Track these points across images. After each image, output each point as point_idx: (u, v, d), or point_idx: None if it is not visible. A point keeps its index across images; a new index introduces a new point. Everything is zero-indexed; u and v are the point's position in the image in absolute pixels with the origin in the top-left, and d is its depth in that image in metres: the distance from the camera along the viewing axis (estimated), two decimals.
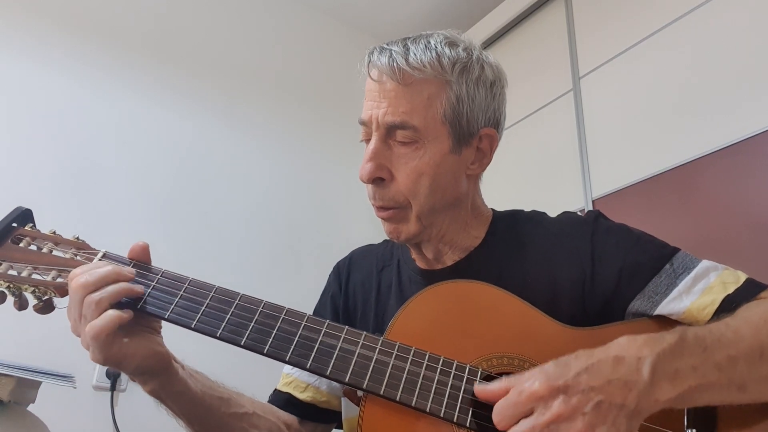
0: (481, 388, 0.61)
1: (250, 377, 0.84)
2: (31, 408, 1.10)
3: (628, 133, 1.69)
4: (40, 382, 1.10)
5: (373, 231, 0.84)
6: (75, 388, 1.15)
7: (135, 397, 1.59)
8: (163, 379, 0.71)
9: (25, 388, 1.07)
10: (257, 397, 0.86)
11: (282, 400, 0.88)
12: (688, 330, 0.62)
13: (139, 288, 0.70)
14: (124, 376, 1.59)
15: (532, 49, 2.12)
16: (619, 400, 0.55)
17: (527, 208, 0.91)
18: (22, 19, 1.80)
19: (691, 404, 0.60)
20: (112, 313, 0.65)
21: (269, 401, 0.89)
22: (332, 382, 0.80)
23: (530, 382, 0.57)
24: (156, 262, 0.76)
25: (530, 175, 1.99)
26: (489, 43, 2.31)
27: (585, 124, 1.83)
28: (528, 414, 0.56)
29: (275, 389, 0.91)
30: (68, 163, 1.76)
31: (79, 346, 0.69)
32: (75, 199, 1.73)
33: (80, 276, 0.67)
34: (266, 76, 2.27)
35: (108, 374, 1.58)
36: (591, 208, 1.72)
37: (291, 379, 0.89)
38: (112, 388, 1.57)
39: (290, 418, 0.87)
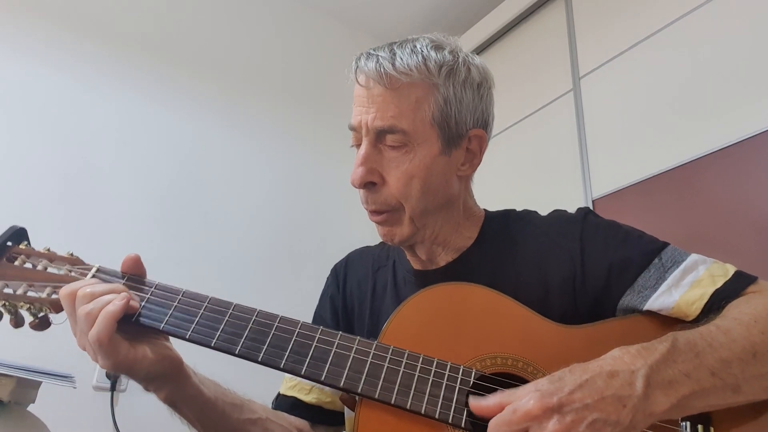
0: (476, 404, 0.61)
1: (248, 387, 0.85)
2: (31, 408, 1.11)
3: (628, 133, 1.68)
4: (40, 382, 1.10)
5: (372, 232, 0.85)
6: (75, 388, 1.16)
7: (135, 397, 1.59)
8: (176, 384, 0.72)
9: (25, 388, 1.08)
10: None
11: (287, 404, 0.88)
12: (679, 335, 0.63)
13: (134, 300, 0.70)
14: (124, 376, 1.60)
15: (532, 49, 2.12)
16: (614, 417, 0.55)
17: (524, 208, 0.91)
18: (22, 19, 1.81)
19: (687, 412, 0.61)
20: (104, 313, 0.65)
21: (274, 407, 0.89)
22: None
23: (524, 400, 0.57)
24: (155, 262, 0.76)
25: (530, 175, 1.98)
26: (489, 44, 2.30)
27: (585, 124, 1.82)
28: None
29: (279, 393, 0.91)
30: (67, 163, 1.76)
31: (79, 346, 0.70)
32: (74, 199, 1.74)
33: (72, 292, 0.68)
34: (266, 76, 2.27)
35: (108, 374, 1.58)
36: (591, 208, 1.72)
37: (295, 382, 0.89)
38: (112, 388, 1.58)
39: (301, 423, 0.87)
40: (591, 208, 1.70)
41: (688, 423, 0.64)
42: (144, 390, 0.73)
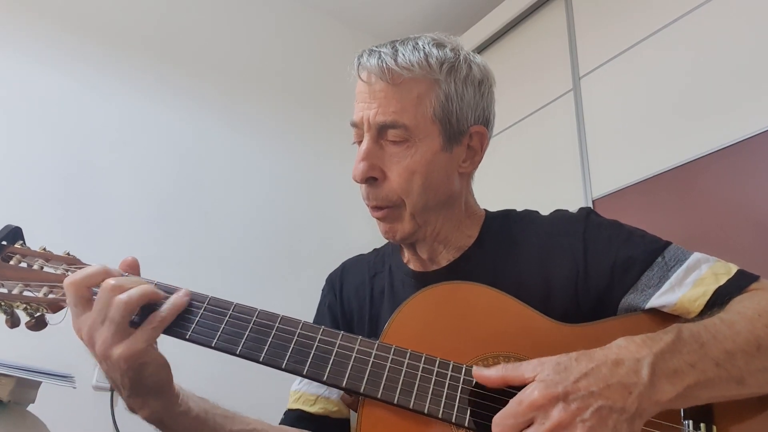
0: (479, 372, 0.63)
1: (247, 387, 0.84)
2: (31, 408, 1.10)
3: (628, 133, 1.69)
4: (40, 382, 1.10)
5: (373, 232, 0.85)
6: (75, 388, 1.15)
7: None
8: (167, 398, 0.70)
9: (25, 388, 1.07)
10: (257, 411, 0.84)
11: (293, 417, 0.87)
12: (684, 327, 0.63)
13: (161, 293, 0.70)
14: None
15: (532, 49, 2.12)
16: (620, 404, 0.55)
17: (524, 208, 0.91)
18: (22, 19, 1.81)
19: (691, 403, 0.61)
20: (173, 300, 0.67)
21: (281, 422, 0.89)
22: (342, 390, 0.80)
23: (528, 391, 0.57)
24: (155, 263, 0.76)
25: (530, 175, 1.99)
26: (489, 44, 2.30)
27: (585, 124, 1.83)
28: (529, 424, 0.56)
29: (286, 410, 0.90)
30: (67, 162, 1.76)
31: (79, 346, 0.69)
32: (73, 198, 1.74)
33: (104, 280, 0.67)
34: (266, 76, 2.27)
35: None
36: (591, 208, 1.72)
37: (299, 395, 0.89)
38: (112, 388, 1.57)
39: None
40: (591, 208, 1.71)
41: (691, 422, 0.64)
42: (128, 409, 0.71)
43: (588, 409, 0.54)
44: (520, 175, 2.02)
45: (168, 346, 0.74)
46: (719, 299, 0.70)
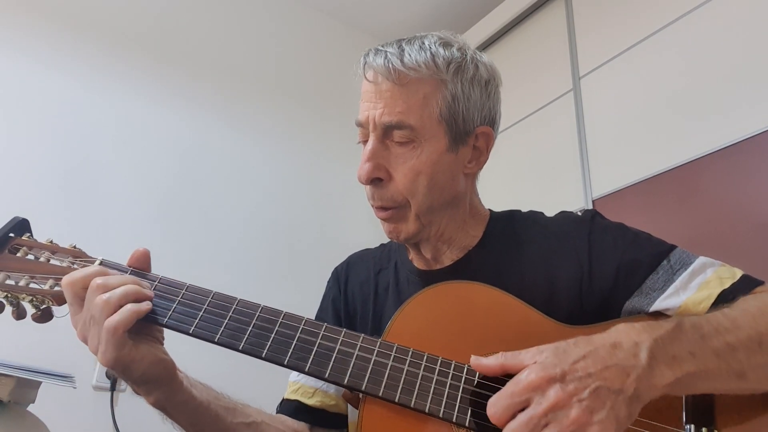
0: (477, 362, 0.62)
1: (250, 383, 0.84)
2: (31, 408, 1.10)
3: (629, 133, 1.69)
4: (40, 382, 1.10)
5: (373, 231, 0.85)
6: (75, 388, 1.16)
7: (135, 397, 1.58)
8: (168, 389, 0.71)
9: (25, 388, 1.07)
10: (260, 404, 0.85)
11: (291, 408, 0.88)
12: (686, 318, 0.63)
13: (148, 292, 0.70)
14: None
15: (532, 49, 2.12)
16: (617, 385, 0.55)
17: (527, 209, 0.91)
18: (20, 18, 1.81)
19: (690, 391, 0.60)
20: (129, 307, 0.65)
21: (278, 412, 0.89)
22: None
23: (526, 373, 0.56)
24: (155, 261, 0.76)
25: (530, 176, 1.99)
26: (489, 44, 2.31)
27: (585, 124, 1.83)
28: (525, 405, 0.56)
29: (283, 399, 0.91)
30: (66, 162, 1.76)
31: (79, 346, 0.69)
32: (73, 198, 1.73)
33: (76, 281, 0.67)
34: (266, 76, 2.27)
35: (108, 374, 1.58)
36: (591, 208, 1.72)
37: (298, 386, 0.89)
38: (112, 388, 1.57)
39: (300, 425, 0.87)
40: (596, 210, 1.71)
41: (693, 426, 0.64)
42: (133, 393, 0.72)
43: (585, 389, 0.54)
44: (520, 175, 2.02)
45: (175, 342, 0.75)
46: (723, 302, 0.69)
